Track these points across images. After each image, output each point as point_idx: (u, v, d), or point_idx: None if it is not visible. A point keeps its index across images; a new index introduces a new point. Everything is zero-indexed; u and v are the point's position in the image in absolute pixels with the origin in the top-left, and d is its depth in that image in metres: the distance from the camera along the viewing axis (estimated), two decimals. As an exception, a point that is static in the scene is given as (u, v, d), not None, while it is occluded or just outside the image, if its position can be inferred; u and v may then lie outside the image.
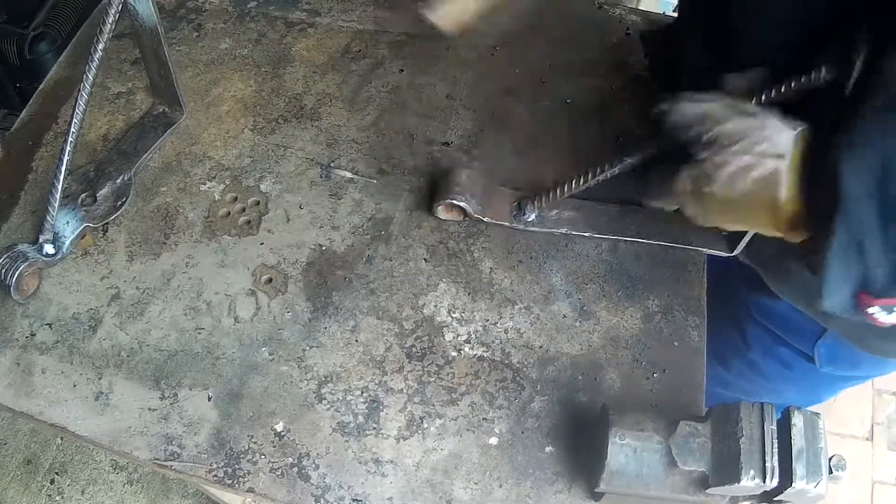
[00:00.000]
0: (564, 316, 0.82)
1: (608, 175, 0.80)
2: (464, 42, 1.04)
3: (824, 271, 0.61)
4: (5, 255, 0.79)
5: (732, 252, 0.86)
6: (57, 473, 1.74)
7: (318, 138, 0.95)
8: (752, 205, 0.66)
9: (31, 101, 0.99)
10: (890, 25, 0.62)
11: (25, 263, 0.79)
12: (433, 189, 0.89)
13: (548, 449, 0.75)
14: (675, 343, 0.81)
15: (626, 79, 1.00)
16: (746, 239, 0.83)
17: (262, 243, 0.87)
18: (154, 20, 0.82)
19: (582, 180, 0.82)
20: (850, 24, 0.66)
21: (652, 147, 0.78)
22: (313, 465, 0.74)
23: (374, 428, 0.76)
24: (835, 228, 0.59)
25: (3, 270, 0.78)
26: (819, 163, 0.62)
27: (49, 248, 0.82)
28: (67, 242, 0.84)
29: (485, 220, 0.87)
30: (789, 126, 0.66)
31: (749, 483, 0.62)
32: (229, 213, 0.89)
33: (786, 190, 0.64)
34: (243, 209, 0.90)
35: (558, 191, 0.84)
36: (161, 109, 0.95)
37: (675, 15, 1.02)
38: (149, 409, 0.77)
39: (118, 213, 0.87)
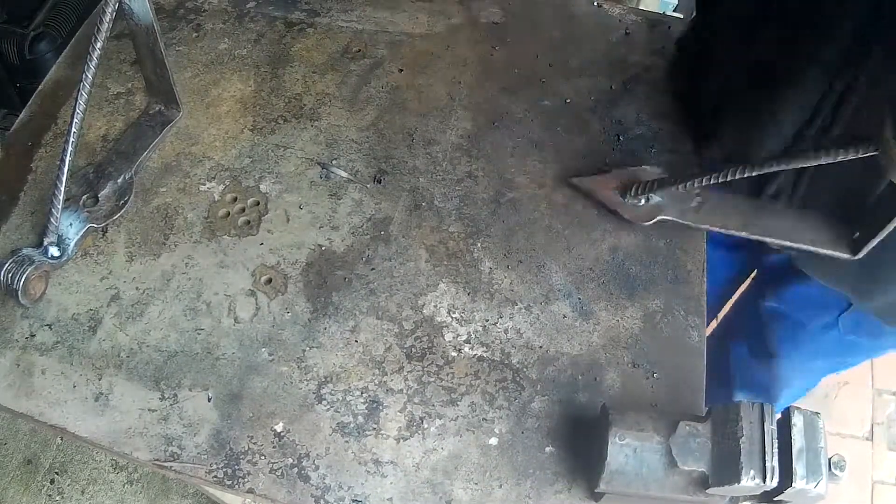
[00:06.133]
0: (564, 316, 0.82)
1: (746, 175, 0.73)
2: (463, 42, 1.04)
3: None
4: (10, 260, 0.79)
5: (856, 255, 0.79)
6: (57, 473, 1.74)
7: (317, 138, 0.95)
8: None
9: (30, 101, 0.99)
10: None
11: (31, 267, 0.79)
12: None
13: (548, 449, 0.75)
14: (675, 343, 0.81)
15: (626, 79, 1.00)
16: (875, 241, 0.75)
17: (261, 244, 0.87)
18: (150, 18, 0.82)
19: (724, 176, 0.75)
20: None
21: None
22: (313, 466, 0.74)
23: (374, 428, 0.76)
24: None
25: (10, 275, 0.78)
26: None
27: (54, 251, 0.82)
28: (72, 244, 0.84)
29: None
30: None
31: (749, 483, 0.62)
32: (229, 214, 0.89)
33: None
34: (243, 209, 0.89)
35: (688, 184, 0.79)
36: (157, 108, 0.95)
37: (678, 15, 1.02)
38: (149, 409, 0.77)
39: (121, 212, 0.87)
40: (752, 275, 1.16)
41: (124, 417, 0.76)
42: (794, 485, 0.61)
